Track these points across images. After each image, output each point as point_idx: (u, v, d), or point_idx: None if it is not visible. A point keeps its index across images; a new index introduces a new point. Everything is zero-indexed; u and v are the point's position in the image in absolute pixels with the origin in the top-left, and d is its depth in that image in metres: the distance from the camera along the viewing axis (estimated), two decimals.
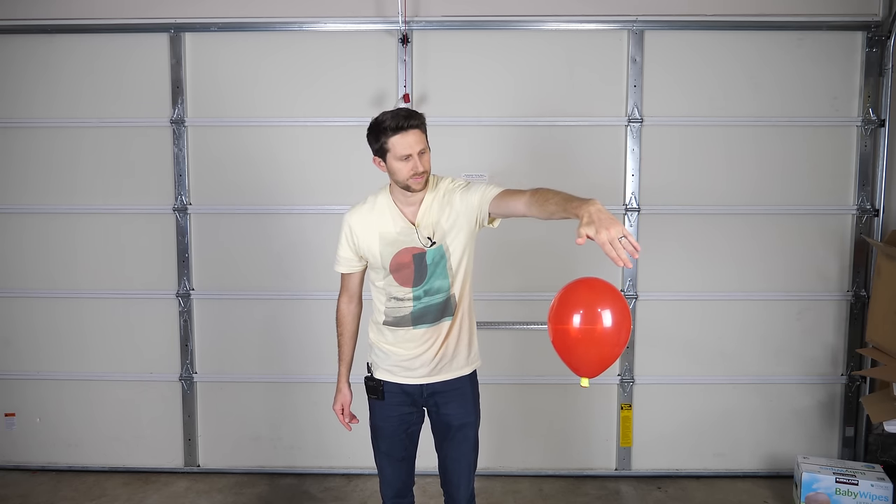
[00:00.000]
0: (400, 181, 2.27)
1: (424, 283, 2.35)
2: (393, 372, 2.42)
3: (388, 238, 2.34)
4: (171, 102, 3.56)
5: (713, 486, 3.61)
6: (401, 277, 2.35)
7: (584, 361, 2.09)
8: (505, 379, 3.67)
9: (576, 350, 2.07)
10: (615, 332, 2.04)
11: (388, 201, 2.36)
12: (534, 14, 3.49)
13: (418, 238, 2.33)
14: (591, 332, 2.05)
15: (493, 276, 3.61)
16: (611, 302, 2.05)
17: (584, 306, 2.05)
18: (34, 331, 3.73)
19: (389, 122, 2.21)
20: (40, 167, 3.63)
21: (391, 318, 2.39)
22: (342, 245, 2.40)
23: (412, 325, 2.38)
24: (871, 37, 3.46)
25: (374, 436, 2.49)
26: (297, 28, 3.52)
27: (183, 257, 3.63)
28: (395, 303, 2.37)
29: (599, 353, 2.07)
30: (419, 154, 2.23)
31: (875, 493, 3.19)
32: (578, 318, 2.03)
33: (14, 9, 3.51)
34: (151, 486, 3.62)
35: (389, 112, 2.25)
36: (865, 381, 3.62)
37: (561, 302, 2.10)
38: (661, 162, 3.56)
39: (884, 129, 3.49)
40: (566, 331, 2.05)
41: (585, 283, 2.15)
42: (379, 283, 2.40)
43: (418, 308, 2.37)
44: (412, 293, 2.35)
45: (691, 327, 3.65)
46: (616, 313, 2.03)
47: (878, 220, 3.54)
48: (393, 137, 2.21)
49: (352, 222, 2.37)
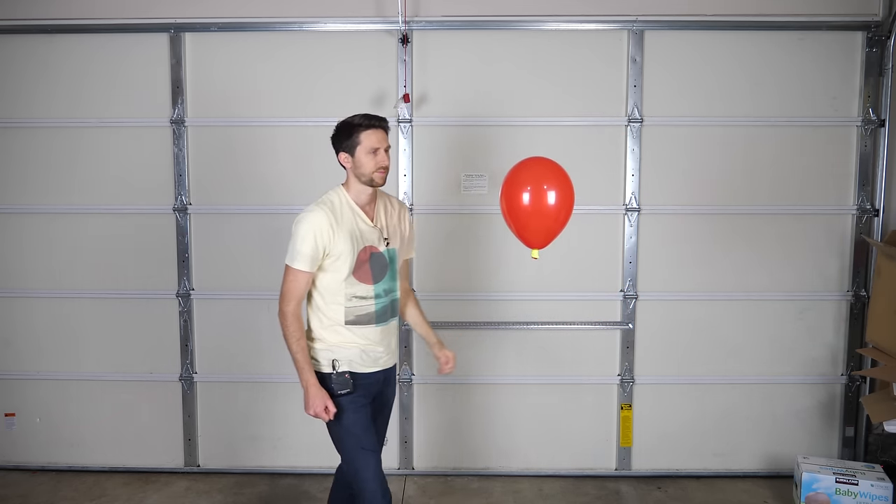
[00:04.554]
0: (365, 174, 2.48)
1: (382, 281, 2.54)
2: (362, 362, 2.53)
3: (355, 235, 2.49)
4: (171, 102, 3.56)
5: (713, 486, 3.61)
6: (360, 275, 2.49)
7: (532, 233, 2.53)
8: (505, 379, 3.67)
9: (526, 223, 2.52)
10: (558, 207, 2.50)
11: (347, 200, 2.53)
12: (534, 14, 3.49)
13: (378, 238, 2.53)
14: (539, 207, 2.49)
15: (495, 275, 3.61)
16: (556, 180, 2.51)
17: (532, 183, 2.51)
18: (34, 331, 3.73)
19: (362, 120, 2.49)
20: (40, 167, 3.63)
21: (353, 317, 2.50)
22: (308, 243, 2.43)
23: (375, 322, 2.54)
24: (871, 37, 3.46)
25: (350, 433, 2.51)
26: (297, 28, 3.52)
27: (183, 257, 3.63)
28: (358, 301, 2.50)
29: (545, 225, 2.52)
30: (385, 150, 2.49)
31: (875, 493, 3.19)
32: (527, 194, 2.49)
33: (14, 9, 3.51)
34: (151, 486, 3.62)
35: (355, 115, 2.52)
36: (865, 381, 3.62)
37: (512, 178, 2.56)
38: (661, 162, 3.56)
39: (884, 129, 3.49)
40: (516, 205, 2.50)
41: (533, 162, 2.62)
42: (337, 284, 2.48)
43: (380, 306, 2.54)
44: (373, 290, 2.52)
45: (691, 327, 3.65)
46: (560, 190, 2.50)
47: (878, 220, 3.54)
48: (365, 132, 2.47)
49: (321, 221, 2.44)
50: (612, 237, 3.60)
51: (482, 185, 3.56)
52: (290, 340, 2.47)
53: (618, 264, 3.61)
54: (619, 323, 3.63)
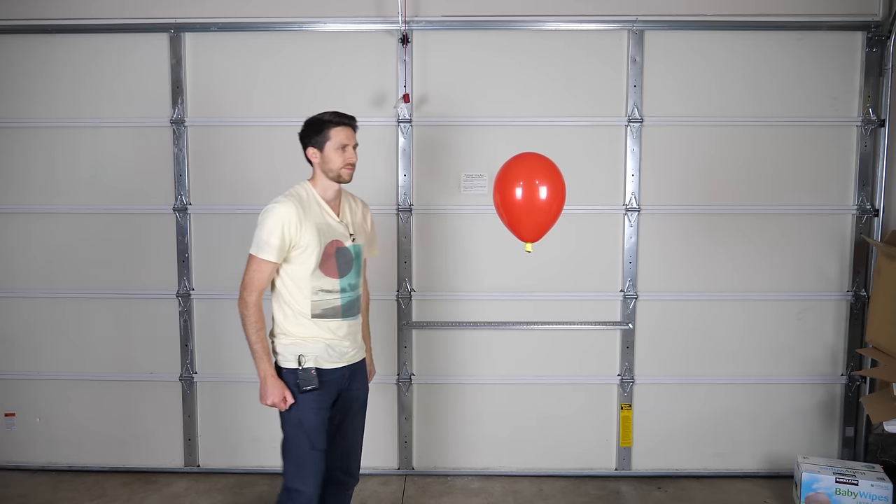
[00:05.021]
0: (333, 170, 2.53)
1: (348, 276, 2.58)
2: (329, 357, 2.54)
3: (321, 228, 2.52)
4: (171, 102, 3.56)
5: (713, 486, 3.61)
6: (326, 269, 2.52)
7: (525, 227, 2.57)
8: (505, 379, 3.67)
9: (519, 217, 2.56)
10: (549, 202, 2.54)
11: (314, 194, 2.57)
12: (534, 14, 3.49)
13: (344, 232, 2.58)
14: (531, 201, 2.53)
15: (495, 275, 3.61)
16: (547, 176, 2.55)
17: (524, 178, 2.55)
18: (34, 331, 3.73)
19: (332, 117, 2.56)
20: (40, 167, 3.63)
21: (320, 310, 2.53)
22: (275, 234, 2.45)
23: (342, 316, 2.57)
24: (871, 37, 3.46)
25: (305, 433, 2.52)
26: (297, 28, 3.52)
27: (183, 257, 3.63)
28: (324, 295, 2.53)
29: (537, 220, 2.55)
30: (353, 147, 2.56)
31: (875, 493, 3.19)
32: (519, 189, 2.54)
33: (14, 9, 3.51)
34: (151, 486, 3.62)
35: (325, 111, 2.59)
36: (865, 381, 3.62)
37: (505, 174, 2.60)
38: (661, 162, 3.56)
39: (884, 129, 3.49)
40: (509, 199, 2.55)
41: (526, 158, 2.66)
42: (305, 278, 2.49)
43: (346, 300, 2.58)
44: (339, 284, 2.55)
45: (691, 327, 3.65)
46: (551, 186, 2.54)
47: (878, 220, 3.54)
48: (335, 128, 2.54)
49: (289, 213, 2.47)
50: (612, 237, 3.60)
51: (482, 185, 3.56)
52: (249, 330, 2.49)
53: (618, 264, 3.61)
54: (619, 323, 3.63)
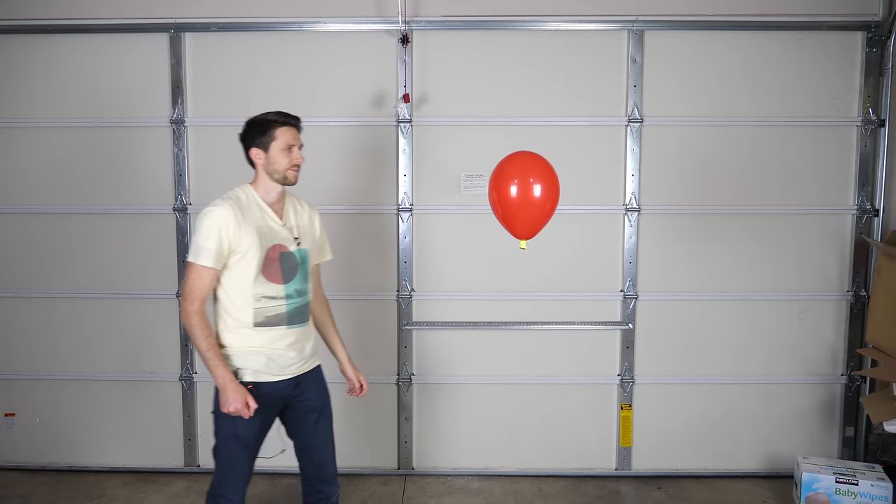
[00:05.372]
0: (279, 171, 2.45)
1: (293, 281, 2.47)
2: (268, 370, 2.45)
3: (263, 232, 2.43)
4: (171, 102, 3.56)
5: (713, 486, 3.61)
6: (269, 274, 2.43)
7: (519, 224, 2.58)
8: (505, 379, 3.67)
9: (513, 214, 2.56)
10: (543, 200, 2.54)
11: (255, 197, 2.48)
12: (534, 14, 3.49)
13: (288, 236, 2.49)
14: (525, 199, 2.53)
15: (495, 275, 3.61)
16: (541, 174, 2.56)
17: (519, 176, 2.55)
18: (34, 331, 3.72)
19: (277, 117, 2.47)
20: (40, 167, 3.63)
21: (262, 318, 2.43)
22: (212, 238, 2.35)
23: (287, 324, 2.46)
24: (871, 37, 3.46)
25: (232, 449, 2.46)
26: (297, 28, 3.52)
27: (183, 257, 3.63)
28: (268, 302, 2.43)
29: (531, 217, 2.56)
30: (299, 148, 2.49)
31: (875, 493, 3.19)
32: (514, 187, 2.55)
33: (14, 9, 3.51)
34: (151, 486, 3.62)
35: (268, 111, 2.51)
36: (865, 381, 3.62)
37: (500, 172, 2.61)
38: (661, 162, 3.56)
39: (884, 129, 3.49)
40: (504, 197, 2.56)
41: (521, 156, 2.67)
42: (246, 284, 2.40)
43: (292, 307, 2.48)
44: (284, 290, 2.45)
45: (691, 327, 3.65)
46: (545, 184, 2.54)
47: (878, 220, 3.54)
48: (280, 128, 2.46)
49: (227, 217, 2.36)
50: (612, 237, 3.60)
51: (482, 185, 3.56)
52: (198, 339, 2.38)
53: (618, 264, 3.61)
54: (619, 323, 3.63)
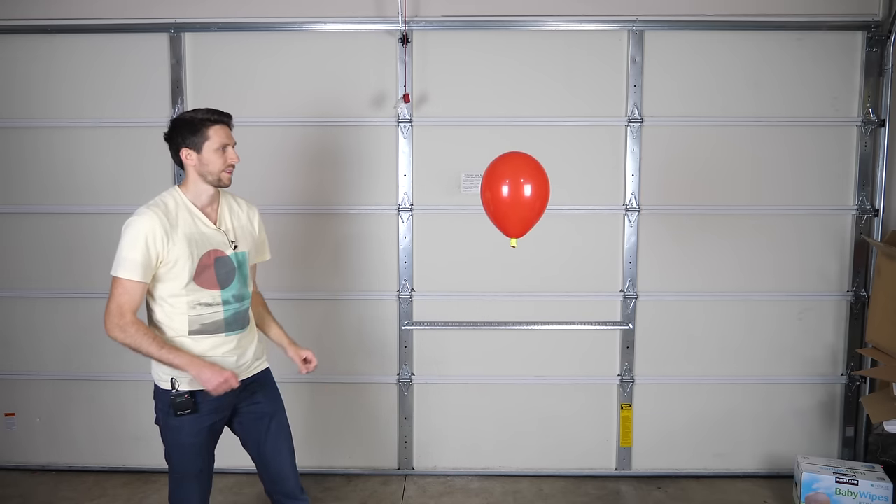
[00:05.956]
0: (213, 172, 2.33)
1: (230, 287, 2.37)
2: None
3: (195, 239, 2.30)
4: (171, 102, 3.56)
5: (713, 486, 3.61)
6: (204, 281, 2.31)
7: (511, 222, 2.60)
8: (505, 379, 3.67)
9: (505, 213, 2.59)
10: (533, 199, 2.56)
11: (184, 202, 2.34)
12: (534, 14, 3.49)
13: (223, 241, 2.38)
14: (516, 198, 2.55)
15: (495, 275, 3.61)
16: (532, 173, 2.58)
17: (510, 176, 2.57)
18: (34, 331, 3.72)
19: (208, 115, 2.31)
20: (40, 167, 3.63)
21: (198, 325, 2.32)
22: (138, 250, 2.21)
23: (225, 331, 2.36)
24: (871, 37, 3.46)
25: (182, 457, 2.37)
26: (297, 28, 3.52)
27: None
28: (203, 309, 2.32)
29: (522, 216, 2.58)
30: (232, 147, 2.36)
31: (875, 493, 3.19)
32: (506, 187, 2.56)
33: (14, 9, 3.51)
34: (151, 486, 3.62)
35: (198, 109, 2.35)
36: (865, 381, 3.62)
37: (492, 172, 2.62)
38: (661, 162, 3.56)
39: (884, 129, 3.49)
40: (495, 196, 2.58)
41: (511, 157, 2.68)
42: (178, 292, 2.29)
43: (230, 313, 2.37)
44: (221, 297, 2.35)
45: (691, 327, 3.65)
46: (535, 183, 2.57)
47: (878, 220, 3.54)
48: (213, 127, 2.31)
49: (153, 225, 2.22)
50: (612, 237, 3.60)
51: None
52: (146, 346, 2.23)
53: (618, 264, 3.61)
54: (619, 323, 3.63)
